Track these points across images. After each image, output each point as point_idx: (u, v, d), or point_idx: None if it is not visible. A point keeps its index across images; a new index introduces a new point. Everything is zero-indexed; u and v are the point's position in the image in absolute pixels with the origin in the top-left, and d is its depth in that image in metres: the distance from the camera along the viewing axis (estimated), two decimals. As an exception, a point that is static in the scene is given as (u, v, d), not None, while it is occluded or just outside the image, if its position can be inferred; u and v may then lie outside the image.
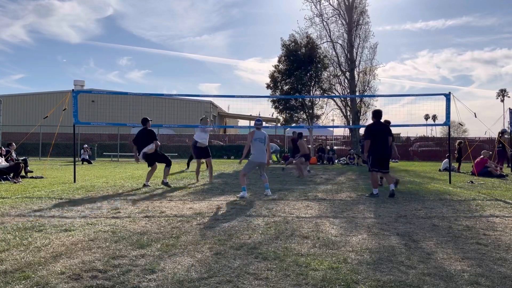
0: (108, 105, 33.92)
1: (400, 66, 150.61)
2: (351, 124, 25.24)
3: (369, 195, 7.74)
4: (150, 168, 9.37)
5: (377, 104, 26.72)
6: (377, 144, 7.77)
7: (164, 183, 9.07)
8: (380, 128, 7.91)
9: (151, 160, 9.24)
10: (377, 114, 8.01)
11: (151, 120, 9.39)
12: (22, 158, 12.07)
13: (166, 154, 9.77)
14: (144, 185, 9.15)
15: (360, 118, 25.42)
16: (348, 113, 25.82)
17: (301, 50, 25.17)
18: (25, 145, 23.49)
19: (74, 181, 10.00)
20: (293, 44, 25.42)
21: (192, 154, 11.21)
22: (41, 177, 11.16)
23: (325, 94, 26.05)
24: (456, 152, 16.02)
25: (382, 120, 8.13)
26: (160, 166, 9.62)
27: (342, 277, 3.03)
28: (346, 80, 25.57)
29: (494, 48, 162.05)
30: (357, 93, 24.80)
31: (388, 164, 7.98)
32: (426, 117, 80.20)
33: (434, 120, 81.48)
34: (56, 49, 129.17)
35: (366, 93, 25.32)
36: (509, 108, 18.31)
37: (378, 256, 3.61)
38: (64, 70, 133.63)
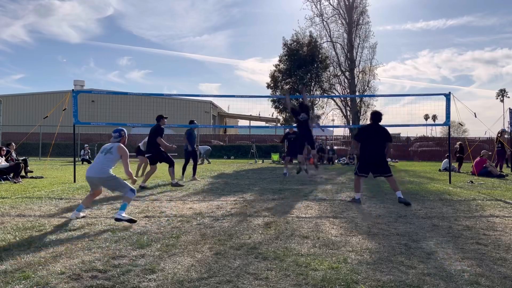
0: (108, 105, 33.92)
1: (401, 66, 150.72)
2: (351, 124, 25.24)
3: (351, 200, 6.91)
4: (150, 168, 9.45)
5: (377, 104, 26.74)
6: (368, 148, 6.91)
7: (174, 184, 9.34)
8: (374, 131, 6.99)
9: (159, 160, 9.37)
10: (374, 116, 7.13)
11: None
12: (22, 158, 12.06)
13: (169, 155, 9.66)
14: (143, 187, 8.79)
15: (360, 118, 25.42)
16: (348, 113, 25.82)
17: (303, 49, 25.18)
18: (25, 145, 23.47)
19: (74, 181, 10.00)
20: (295, 43, 25.44)
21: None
22: (41, 177, 11.16)
23: (325, 94, 26.06)
24: (456, 152, 16.02)
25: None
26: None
27: (342, 277, 3.03)
28: (346, 80, 25.58)
29: (495, 48, 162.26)
30: (357, 93, 24.80)
31: (384, 168, 6.96)
32: (426, 117, 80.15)
33: (434, 120, 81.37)
34: (56, 49, 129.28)
35: (366, 93, 25.32)
36: (509, 108, 18.31)
37: (378, 256, 3.61)
38: (64, 70, 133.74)
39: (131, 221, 4.87)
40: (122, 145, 5.39)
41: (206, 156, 21.94)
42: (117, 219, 4.86)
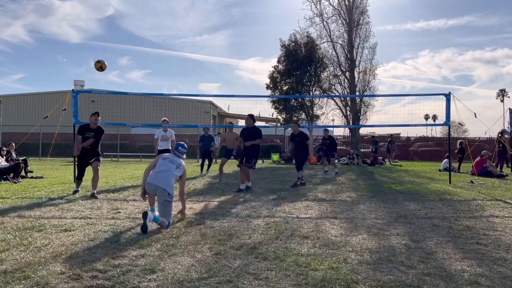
0: (108, 105, 33.91)
1: (401, 66, 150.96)
2: (351, 124, 25.24)
3: (244, 189, 8.34)
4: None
5: (377, 104, 26.74)
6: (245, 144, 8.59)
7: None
8: (248, 131, 8.71)
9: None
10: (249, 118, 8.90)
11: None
12: (22, 158, 12.06)
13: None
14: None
15: (360, 118, 25.40)
16: (348, 113, 25.80)
17: (301, 49, 25.17)
18: (25, 145, 23.47)
19: (74, 181, 9.99)
20: (293, 44, 25.44)
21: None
22: (41, 177, 11.16)
23: (325, 94, 26.06)
24: (457, 151, 16.02)
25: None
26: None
27: (342, 277, 3.03)
28: (346, 80, 25.55)
29: (495, 48, 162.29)
30: (357, 93, 24.79)
31: (250, 160, 8.75)
32: (426, 117, 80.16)
33: (434, 120, 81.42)
34: (56, 48, 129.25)
35: (366, 93, 25.31)
36: (509, 108, 18.33)
37: (378, 256, 3.61)
38: (64, 70, 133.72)
39: (144, 229, 4.41)
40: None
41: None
42: (144, 216, 4.46)
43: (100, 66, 7.54)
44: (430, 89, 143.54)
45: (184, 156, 5.45)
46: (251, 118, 8.86)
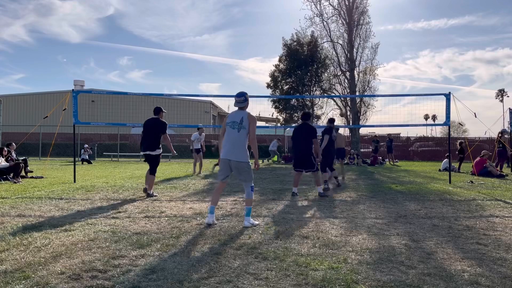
0: (108, 105, 33.93)
1: (402, 66, 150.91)
2: (351, 124, 25.24)
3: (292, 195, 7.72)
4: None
5: (377, 104, 26.71)
6: (296, 145, 7.90)
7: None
8: (300, 130, 7.88)
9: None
10: (302, 116, 8.19)
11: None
12: (22, 158, 12.06)
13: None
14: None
15: (360, 118, 25.41)
16: (348, 113, 25.81)
17: (303, 49, 25.20)
18: (25, 145, 23.49)
19: (74, 181, 10.00)
20: (295, 43, 25.47)
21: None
22: (41, 177, 11.16)
23: (325, 94, 26.08)
24: (457, 151, 16.03)
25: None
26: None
27: (342, 277, 3.03)
28: (346, 80, 25.57)
29: (496, 47, 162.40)
30: (357, 93, 24.79)
31: (310, 163, 7.72)
32: (426, 117, 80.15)
33: (434, 120, 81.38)
34: (57, 48, 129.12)
35: (366, 93, 25.32)
36: (509, 108, 18.32)
37: (378, 256, 3.61)
38: (64, 70, 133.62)
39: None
40: (250, 112, 5.01)
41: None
42: (246, 226, 4.79)
43: None
44: (430, 89, 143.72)
45: (246, 104, 5.11)
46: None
